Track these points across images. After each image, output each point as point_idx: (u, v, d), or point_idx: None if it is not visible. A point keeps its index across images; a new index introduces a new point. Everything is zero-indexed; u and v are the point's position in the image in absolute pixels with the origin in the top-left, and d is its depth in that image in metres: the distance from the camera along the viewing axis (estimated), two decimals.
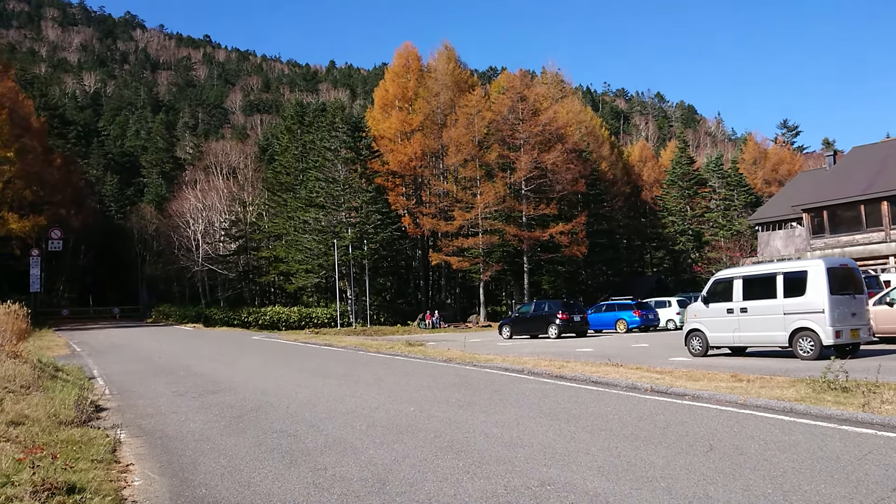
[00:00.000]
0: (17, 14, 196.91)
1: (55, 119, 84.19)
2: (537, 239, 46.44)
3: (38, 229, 45.69)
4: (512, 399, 10.50)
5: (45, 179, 52.77)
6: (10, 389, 9.94)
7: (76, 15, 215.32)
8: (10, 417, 8.07)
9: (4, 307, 16.60)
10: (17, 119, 48.55)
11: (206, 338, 32.74)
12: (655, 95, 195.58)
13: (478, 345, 24.35)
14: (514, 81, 50.32)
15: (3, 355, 12.85)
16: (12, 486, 5.44)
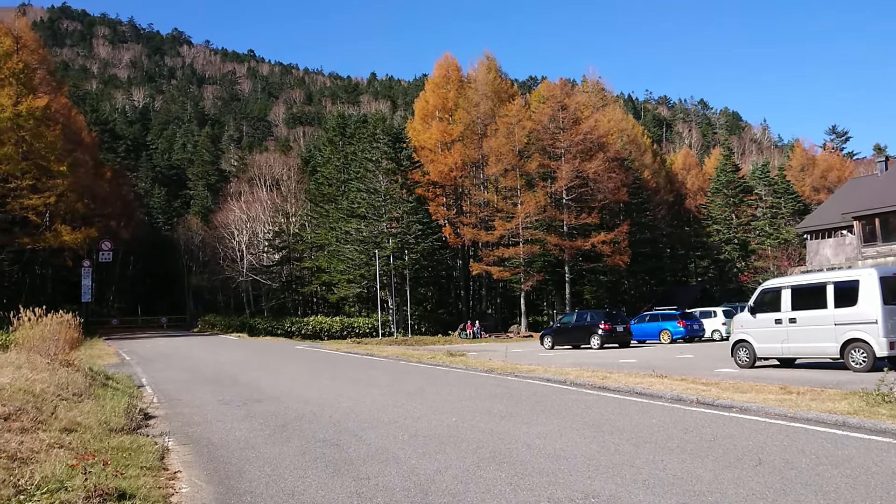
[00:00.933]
0: (71, 33, 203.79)
1: (106, 133, 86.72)
2: (579, 248, 46.07)
3: (89, 241, 46.90)
4: (554, 410, 10.42)
5: (95, 192, 54.30)
6: (63, 397, 10.22)
7: (126, 32, 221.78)
8: (64, 424, 8.30)
9: (57, 317, 17.03)
10: (69, 134, 50.10)
11: (251, 347, 33.20)
12: (699, 102, 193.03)
13: (519, 355, 24.23)
14: (554, 90, 50.17)
15: (56, 364, 13.23)
16: (66, 492, 5.59)
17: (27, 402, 9.02)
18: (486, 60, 54.65)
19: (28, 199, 40.80)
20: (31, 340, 15.53)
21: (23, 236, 42.28)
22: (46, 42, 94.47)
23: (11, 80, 41.08)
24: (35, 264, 53.38)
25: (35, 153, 41.77)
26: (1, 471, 5.93)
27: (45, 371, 11.67)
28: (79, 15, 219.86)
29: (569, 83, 58.90)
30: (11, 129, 40.24)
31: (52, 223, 44.41)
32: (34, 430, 7.69)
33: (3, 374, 10.41)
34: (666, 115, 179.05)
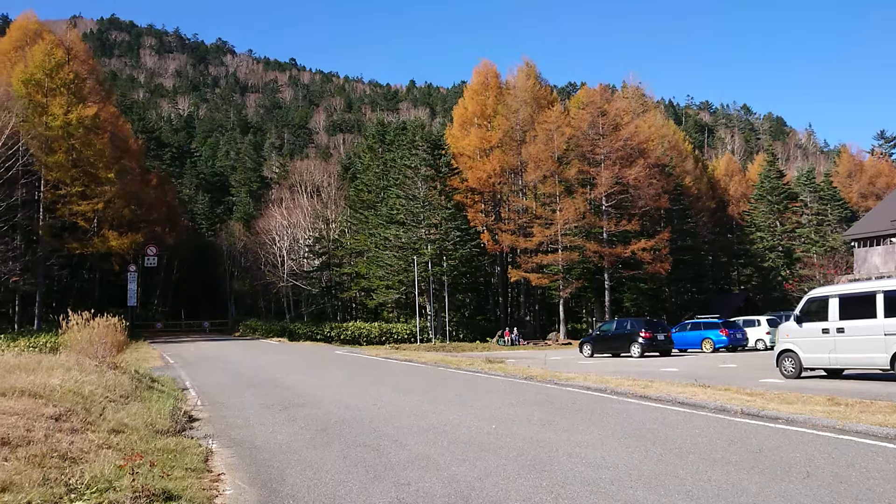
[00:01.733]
0: (119, 44, 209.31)
1: (152, 141, 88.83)
2: (619, 255, 45.61)
3: (135, 246, 47.99)
4: (595, 418, 10.32)
5: (142, 199, 55.58)
6: (111, 399, 10.47)
7: (172, 43, 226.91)
8: (112, 426, 8.50)
9: (104, 320, 17.43)
10: (117, 142, 51.42)
11: (291, 352, 33.55)
12: (741, 107, 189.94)
13: (558, 363, 24.08)
14: (593, 96, 49.84)
15: (104, 366, 13.56)
16: (114, 492, 5.71)
17: (77, 403, 9.26)
18: (526, 67, 54.58)
19: (77, 206, 41.94)
20: (79, 343, 15.93)
21: (72, 241, 43.46)
22: (96, 53, 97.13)
23: (63, 90, 42.34)
24: (83, 269, 54.92)
25: (84, 160, 42.94)
26: (53, 470, 6.10)
27: (93, 373, 11.96)
28: (127, 26, 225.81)
29: (608, 89, 58.49)
30: (62, 137, 41.48)
31: (100, 229, 45.54)
32: (84, 431, 7.89)
33: (54, 375, 10.70)
34: (708, 120, 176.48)
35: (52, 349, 21.42)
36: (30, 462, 6.15)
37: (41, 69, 42.36)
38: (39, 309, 43.18)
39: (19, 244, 42.22)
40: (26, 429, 7.18)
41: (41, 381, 9.88)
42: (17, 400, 8.49)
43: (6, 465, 6.01)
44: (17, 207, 41.04)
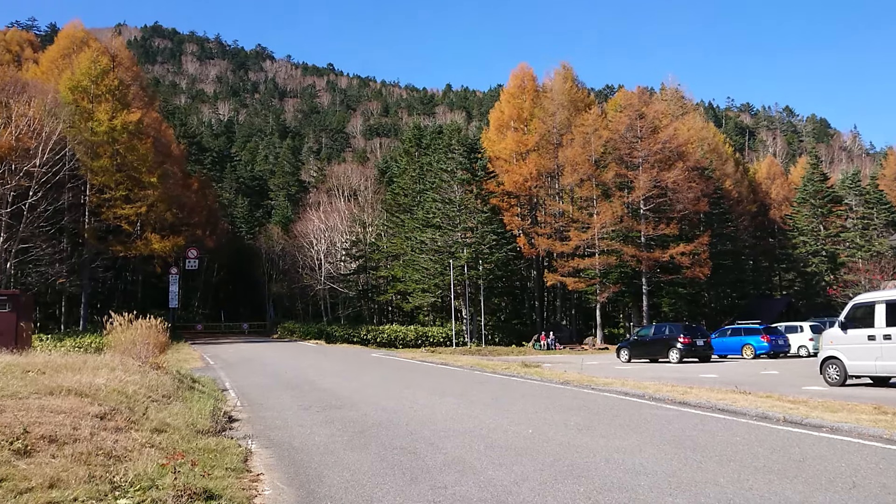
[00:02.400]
0: (162, 50, 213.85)
1: (193, 146, 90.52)
2: (657, 260, 45.05)
3: (176, 249, 48.89)
4: (633, 424, 10.22)
5: (183, 202, 56.61)
6: (153, 399, 10.68)
7: (213, 49, 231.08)
8: (154, 425, 8.67)
9: (146, 322, 17.80)
10: (159, 147, 52.48)
11: (328, 354, 33.83)
12: (784, 109, 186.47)
13: (595, 367, 23.88)
14: (631, 99, 49.37)
15: (146, 367, 13.83)
16: (157, 490, 5.83)
17: (121, 402, 9.46)
18: (563, 70, 54.31)
19: (121, 209, 42.88)
20: (123, 344, 16.29)
21: (116, 244, 44.44)
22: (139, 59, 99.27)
23: (108, 97, 43.38)
24: (126, 271, 56.14)
25: (128, 165, 43.90)
26: (98, 467, 6.25)
27: (136, 373, 12.21)
28: (169, 33, 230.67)
29: (647, 91, 57.89)
30: (107, 142, 42.48)
31: (143, 232, 46.48)
32: (127, 430, 8.06)
33: (99, 375, 10.95)
34: (749, 122, 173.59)
35: (97, 349, 21.95)
36: (76, 459, 6.31)
37: (87, 76, 43.45)
38: (85, 310, 44.23)
39: (66, 247, 43.32)
40: (73, 427, 7.36)
41: (87, 381, 10.13)
42: (64, 398, 8.72)
43: (54, 461, 6.17)
44: (64, 211, 42.12)
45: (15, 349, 16.82)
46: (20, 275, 38.78)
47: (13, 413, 7.48)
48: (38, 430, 6.91)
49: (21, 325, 19.83)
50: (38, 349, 20.72)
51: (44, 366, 11.63)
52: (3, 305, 19.57)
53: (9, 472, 5.72)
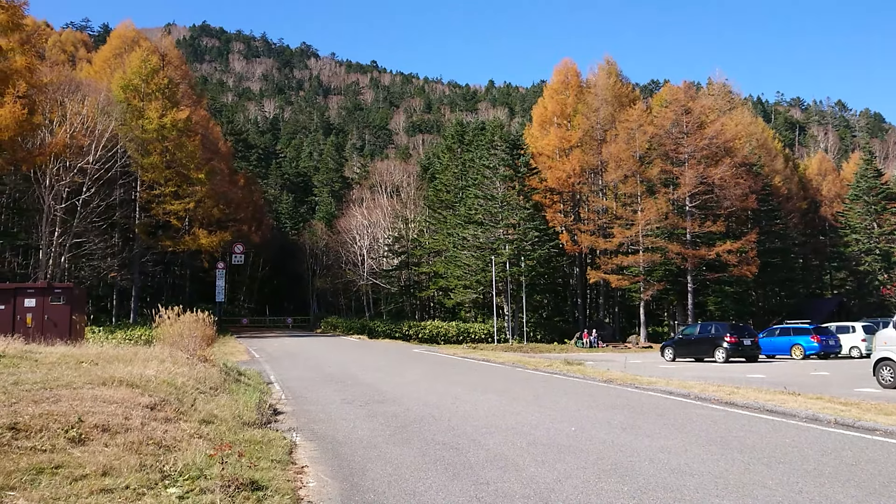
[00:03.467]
0: (209, 49, 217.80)
1: (239, 143, 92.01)
2: (702, 257, 44.26)
3: (223, 244, 49.75)
4: (678, 424, 10.07)
5: (230, 198, 57.58)
6: (201, 390, 10.90)
7: (259, 48, 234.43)
8: (202, 416, 8.86)
9: (194, 315, 18.18)
10: (207, 144, 53.46)
11: (371, 349, 34.11)
12: (836, 104, 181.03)
13: (638, 366, 23.61)
14: (677, 94, 48.52)
15: (194, 359, 14.13)
16: (205, 479, 5.96)
17: (170, 393, 9.69)
18: (607, 65, 53.68)
19: (170, 205, 43.81)
20: (171, 337, 16.66)
21: (165, 239, 45.43)
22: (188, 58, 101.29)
23: (157, 95, 44.30)
24: (175, 265, 57.34)
25: (177, 162, 44.81)
26: (149, 456, 6.41)
27: (185, 366, 12.48)
28: (217, 32, 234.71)
29: (693, 86, 56.81)
30: (157, 139, 43.41)
31: (191, 227, 47.40)
32: (176, 420, 8.25)
33: (149, 367, 11.23)
34: (799, 117, 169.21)
35: (147, 342, 22.51)
36: (128, 448, 6.48)
37: (138, 75, 44.46)
38: (135, 303, 45.31)
39: (117, 241, 44.44)
40: (125, 417, 7.56)
41: (138, 372, 10.40)
42: (116, 389, 8.96)
43: (106, 450, 6.35)
44: (116, 206, 43.20)
45: (69, 340, 17.35)
46: (74, 269, 39.90)
47: (68, 402, 7.71)
48: (91, 419, 7.12)
49: (75, 317, 20.43)
50: (90, 341, 21.36)
51: (97, 357, 11.98)
52: (58, 298, 20.19)
53: (64, 460, 5.91)
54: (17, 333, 16.75)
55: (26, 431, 6.45)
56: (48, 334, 18.00)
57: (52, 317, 19.89)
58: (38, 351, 12.61)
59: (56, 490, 5.22)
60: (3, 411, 6.95)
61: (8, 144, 30.94)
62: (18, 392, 8.00)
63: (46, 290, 20.51)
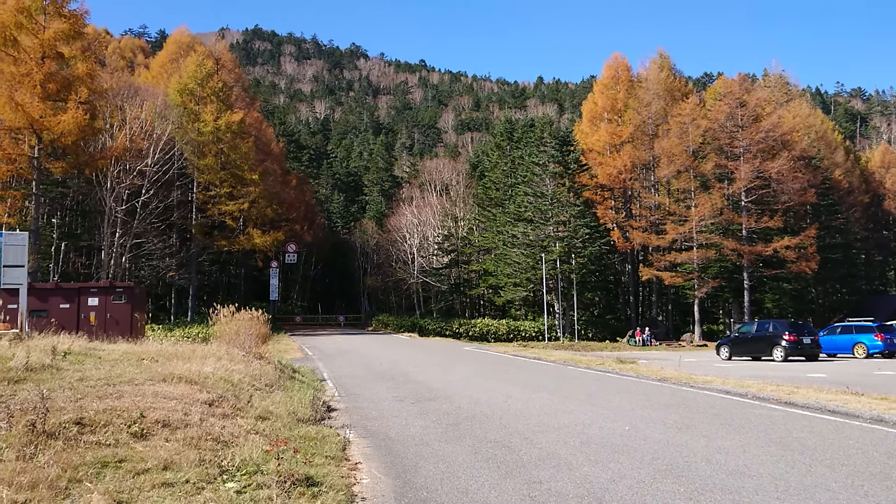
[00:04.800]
0: (262, 52, 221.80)
1: (291, 144, 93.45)
2: (759, 254, 43.17)
3: (276, 244, 50.62)
4: (735, 424, 9.85)
5: (282, 199, 58.58)
6: (257, 387, 11.12)
7: (309, 50, 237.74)
8: (258, 412, 9.03)
9: (249, 313, 18.55)
10: (260, 145, 54.46)
11: (421, 347, 34.27)
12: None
13: (693, 364, 23.19)
14: (732, 86, 47.39)
15: (250, 356, 14.42)
16: (262, 475, 6.08)
17: (227, 390, 9.91)
18: (659, 58, 52.78)
19: (225, 206, 44.78)
20: (227, 334, 17.03)
21: (221, 239, 46.46)
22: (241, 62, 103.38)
23: (212, 98, 45.32)
24: (230, 265, 58.62)
25: (231, 163, 45.77)
26: (207, 451, 6.57)
27: (241, 363, 12.75)
28: (269, 35, 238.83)
29: (748, 78, 55.38)
30: (212, 141, 44.42)
31: (246, 227, 48.37)
32: (233, 417, 8.43)
33: (207, 364, 11.50)
34: (861, 108, 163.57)
35: (204, 339, 23.07)
36: (187, 443, 6.65)
37: (193, 79, 45.54)
38: (192, 301, 46.46)
39: (175, 242, 45.63)
40: (184, 412, 7.76)
41: (196, 369, 10.66)
42: (175, 385, 9.20)
43: (167, 445, 6.53)
44: (173, 208, 44.39)
45: (130, 338, 17.90)
46: (134, 268, 41.13)
47: (131, 398, 7.96)
48: (152, 414, 7.33)
49: (135, 315, 21.08)
50: (150, 338, 21.99)
51: (157, 354, 12.32)
52: (119, 297, 20.85)
53: (127, 454, 6.10)
54: (82, 331, 17.35)
55: (91, 426, 6.67)
56: (110, 332, 18.61)
57: (114, 315, 20.56)
58: (102, 348, 13.03)
59: (120, 483, 5.39)
60: (70, 406, 7.21)
61: (71, 149, 32.05)
62: (84, 388, 8.29)
63: (108, 289, 21.20)
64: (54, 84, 30.69)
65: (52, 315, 19.62)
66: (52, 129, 29.68)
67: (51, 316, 19.47)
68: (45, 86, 30.14)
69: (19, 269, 14.91)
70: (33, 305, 18.60)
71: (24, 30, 29.82)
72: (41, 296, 20.07)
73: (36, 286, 20.48)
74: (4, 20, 29.35)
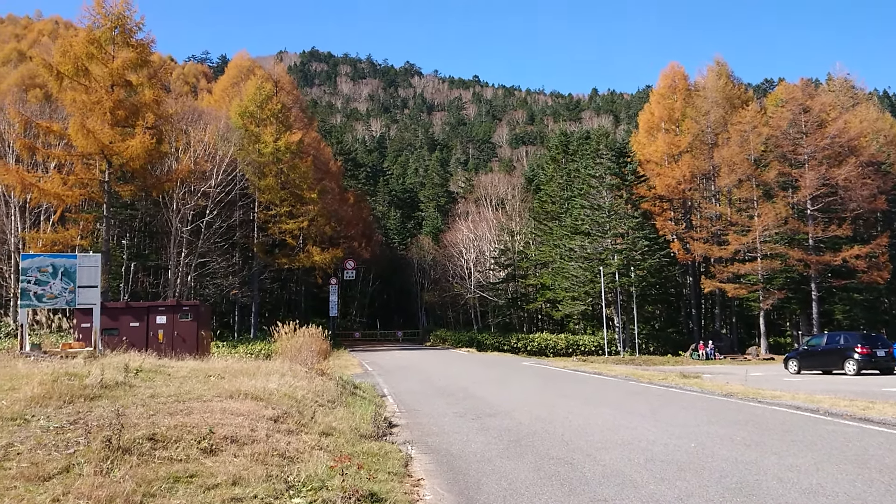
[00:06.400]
0: (318, 73, 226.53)
1: (348, 162, 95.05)
2: (827, 263, 41.72)
3: (335, 261, 51.40)
4: (807, 441, 9.53)
5: (340, 216, 59.54)
6: (319, 403, 11.29)
7: (365, 69, 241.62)
8: (321, 428, 9.16)
9: (310, 330, 18.87)
10: (318, 164, 55.54)
11: (480, 362, 34.19)
12: None
13: (760, 379, 22.52)
14: (794, 92, 46.18)
15: (312, 372, 14.64)
16: (327, 491, 6.16)
17: (291, 406, 10.09)
18: (716, 66, 51.81)
19: (285, 224, 45.74)
20: (289, 351, 17.36)
21: (281, 257, 47.44)
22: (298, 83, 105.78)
23: (272, 120, 46.49)
24: (291, 282, 59.70)
25: (291, 183, 46.79)
26: (274, 467, 6.70)
27: (303, 379, 12.96)
28: (325, 57, 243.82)
29: (811, 83, 53.86)
30: (272, 162, 45.53)
31: (305, 245, 49.27)
32: (298, 433, 8.57)
33: (271, 380, 11.73)
34: None
35: (266, 356, 23.51)
36: (255, 459, 6.80)
37: (253, 102, 46.84)
38: (255, 318, 47.47)
39: (238, 260, 46.78)
40: (251, 428, 7.94)
41: (261, 386, 10.88)
42: (242, 402, 9.42)
43: (235, 460, 6.69)
44: (236, 227, 45.55)
45: (196, 355, 18.38)
46: (199, 286, 42.31)
47: (200, 414, 8.18)
48: (221, 430, 7.52)
49: (201, 333, 21.64)
50: (215, 355, 22.51)
51: (223, 371, 12.63)
52: (185, 315, 21.46)
53: (198, 469, 6.27)
54: (151, 349, 17.92)
55: (163, 442, 6.88)
56: (177, 349, 19.16)
57: (181, 333, 21.15)
58: (170, 365, 13.42)
59: (191, 498, 5.54)
60: (143, 423, 7.45)
61: (139, 172, 33.30)
62: (155, 404, 8.56)
63: (175, 307, 21.84)
64: (123, 111, 31.98)
65: (123, 333, 20.31)
66: (121, 153, 30.89)
67: (122, 334, 20.16)
68: (114, 112, 31.44)
69: (93, 289, 15.52)
70: (105, 324, 19.29)
71: (95, 60, 31.21)
72: (112, 315, 20.80)
73: (107, 305, 21.22)
74: (77, 51, 30.80)
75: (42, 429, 6.98)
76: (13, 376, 9.69)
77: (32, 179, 31.14)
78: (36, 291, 15.08)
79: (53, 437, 6.68)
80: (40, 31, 78.59)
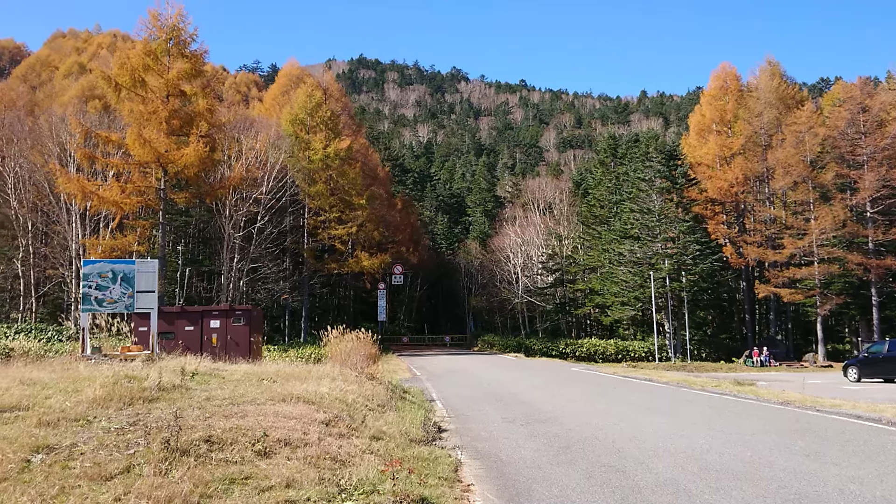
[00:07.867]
0: (366, 80, 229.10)
1: (396, 168, 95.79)
2: (889, 268, 40.34)
3: (383, 266, 51.78)
4: (869, 451, 9.23)
5: (388, 221, 60.01)
6: (370, 407, 11.39)
7: (412, 75, 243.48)
8: (372, 433, 9.25)
9: (359, 334, 19.05)
10: (366, 170, 56.09)
11: (528, 367, 33.99)
12: None
13: (818, 387, 21.90)
14: (852, 91, 44.85)
15: (362, 377, 14.78)
16: (378, 495, 6.22)
17: (342, 410, 10.21)
18: (769, 66, 50.68)
19: (335, 230, 46.32)
20: (339, 355, 17.54)
21: (331, 262, 48.02)
22: (347, 90, 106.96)
23: (321, 127, 47.15)
24: (340, 287, 60.38)
25: (340, 189, 47.35)
26: (326, 471, 6.79)
27: (354, 383, 13.10)
28: (372, 64, 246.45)
29: (870, 81, 52.22)
30: (322, 168, 46.15)
31: (354, 250, 49.78)
32: (349, 436, 8.67)
33: (322, 384, 11.89)
34: None
35: (317, 360, 23.82)
36: (307, 462, 6.90)
37: (303, 109, 47.59)
38: (305, 323, 48.10)
39: (288, 265, 47.50)
40: (303, 432, 8.06)
41: (312, 389, 11.04)
42: (294, 405, 9.57)
43: (289, 463, 6.80)
44: (286, 233, 46.29)
45: (249, 359, 18.75)
46: (251, 291, 43.11)
47: (254, 418, 8.34)
48: (274, 433, 7.65)
49: (253, 337, 22.06)
50: (267, 359, 22.94)
51: (275, 375, 12.85)
52: (238, 319, 21.90)
53: (252, 472, 6.39)
54: (205, 352, 18.35)
55: (219, 444, 7.04)
56: (230, 353, 19.57)
57: (234, 336, 21.60)
58: (224, 369, 13.72)
59: (247, 500, 5.66)
60: (200, 425, 7.63)
61: (193, 180, 34.11)
62: (211, 407, 8.76)
63: (228, 312, 22.30)
64: (178, 120, 32.82)
65: (179, 337, 20.85)
66: (176, 162, 31.69)
67: (177, 338, 20.69)
68: (169, 122, 32.28)
69: (150, 294, 15.97)
70: (161, 328, 19.82)
71: (151, 71, 32.12)
72: (168, 319, 21.37)
73: (164, 310, 21.80)
74: (134, 63, 31.75)
75: (104, 430, 7.21)
76: (76, 379, 10.04)
77: (92, 188, 32.13)
78: (96, 296, 15.59)
79: (114, 438, 6.90)
80: (99, 45, 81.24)
